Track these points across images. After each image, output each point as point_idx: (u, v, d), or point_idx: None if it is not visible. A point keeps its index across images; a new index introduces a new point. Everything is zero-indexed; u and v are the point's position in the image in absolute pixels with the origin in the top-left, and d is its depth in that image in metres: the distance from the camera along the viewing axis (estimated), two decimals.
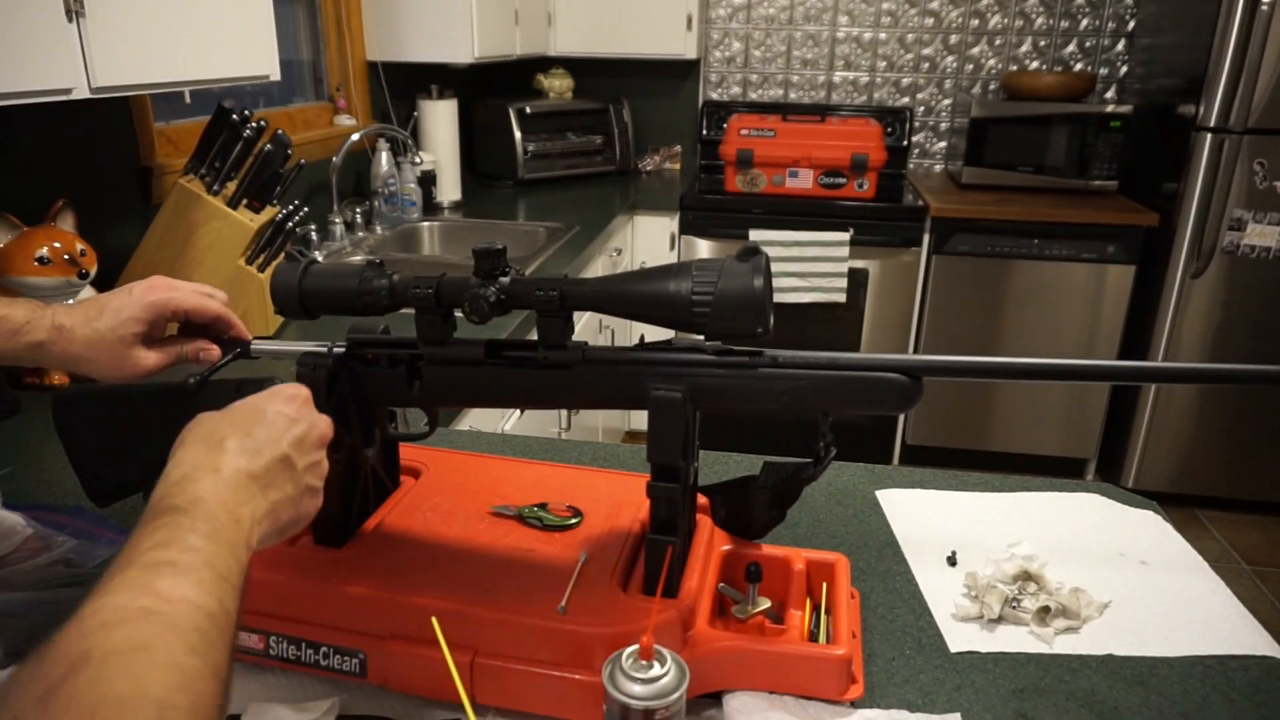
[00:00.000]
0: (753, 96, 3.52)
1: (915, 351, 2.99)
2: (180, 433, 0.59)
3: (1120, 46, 3.24)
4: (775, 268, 2.82)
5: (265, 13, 1.53)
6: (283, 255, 0.96)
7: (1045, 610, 0.82)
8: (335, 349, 0.74)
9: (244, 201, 1.58)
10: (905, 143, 3.34)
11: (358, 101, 2.63)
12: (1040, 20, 3.27)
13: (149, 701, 0.37)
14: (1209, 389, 2.80)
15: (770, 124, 2.96)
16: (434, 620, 0.65)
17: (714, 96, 3.54)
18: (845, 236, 2.86)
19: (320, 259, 0.96)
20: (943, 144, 3.46)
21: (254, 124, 1.56)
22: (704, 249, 3.00)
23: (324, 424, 0.65)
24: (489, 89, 3.39)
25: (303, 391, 0.65)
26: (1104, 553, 0.94)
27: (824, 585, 0.79)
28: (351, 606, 0.72)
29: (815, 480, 0.77)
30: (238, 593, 0.49)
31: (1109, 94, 3.30)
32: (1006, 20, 3.29)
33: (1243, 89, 2.50)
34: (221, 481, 0.54)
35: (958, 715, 0.71)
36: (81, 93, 1.15)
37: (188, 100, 1.95)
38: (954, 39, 3.34)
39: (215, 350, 0.80)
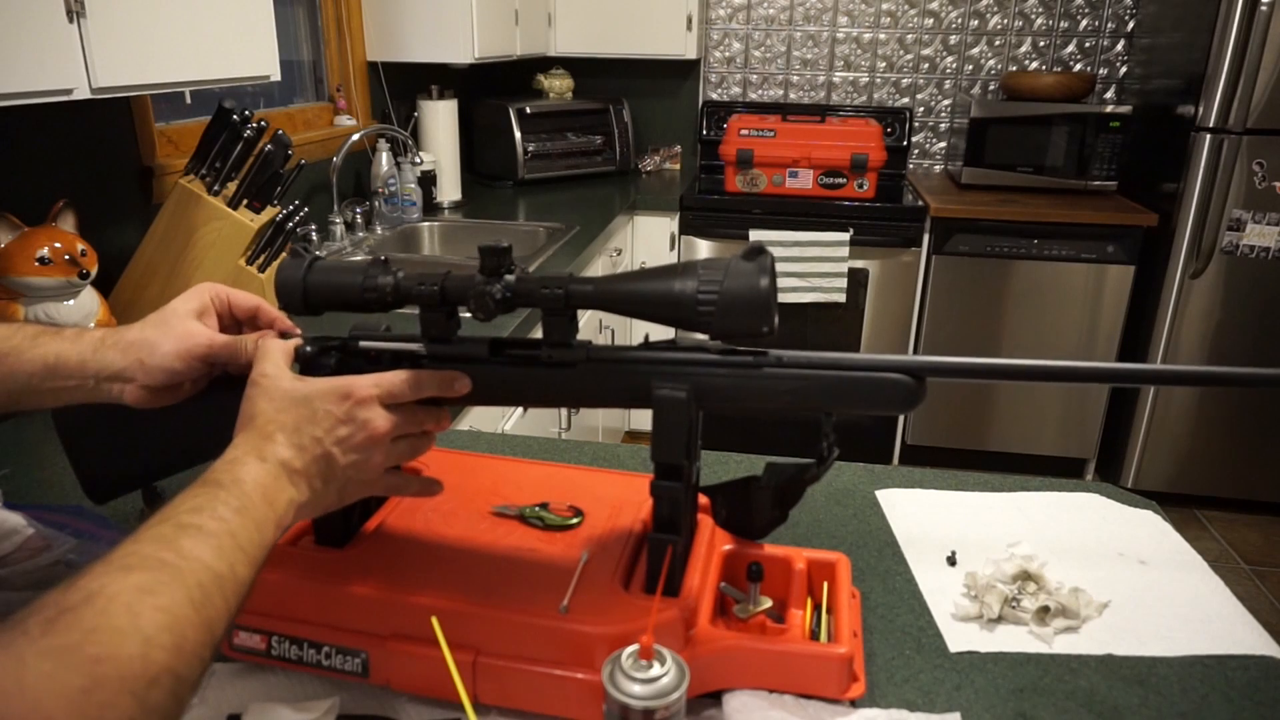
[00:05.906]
0: (753, 96, 3.52)
1: (915, 351, 2.99)
2: (237, 411, 0.65)
3: (1120, 47, 3.24)
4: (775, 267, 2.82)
5: (265, 13, 1.53)
6: (285, 254, 0.96)
7: (1045, 610, 0.82)
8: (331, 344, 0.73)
9: (244, 202, 1.58)
10: (905, 143, 3.34)
11: (358, 101, 2.63)
12: (1040, 21, 3.27)
13: (138, 635, 0.43)
14: (1208, 389, 2.81)
15: (770, 124, 2.96)
16: (434, 620, 0.65)
17: (714, 96, 3.54)
18: (845, 236, 2.86)
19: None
20: (942, 144, 3.46)
21: (254, 124, 1.56)
22: (704, 249, 3.00)
23: (377, 422, 0.66)
24: (489, 89, 3.39)
25: (356, 389, 0.65)
26: (1103, 552, 0.94)
27: (825, 585, 0.79)
28: (353, 606, 0.72)
29: (818, 480, 0.77)
30: (255, 564, 0.55)
31: (1108, 94, 3.30)
32: (1006, 21, 3.29)
33: (1242, 89, 2.51)
34: (264, 469, 0.60)
35: (957, 715, 0.71)
36: (82, 93, 1.15)
37: (188, 100, 1.95)
38: (954, 39, 3.34)
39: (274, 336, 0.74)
